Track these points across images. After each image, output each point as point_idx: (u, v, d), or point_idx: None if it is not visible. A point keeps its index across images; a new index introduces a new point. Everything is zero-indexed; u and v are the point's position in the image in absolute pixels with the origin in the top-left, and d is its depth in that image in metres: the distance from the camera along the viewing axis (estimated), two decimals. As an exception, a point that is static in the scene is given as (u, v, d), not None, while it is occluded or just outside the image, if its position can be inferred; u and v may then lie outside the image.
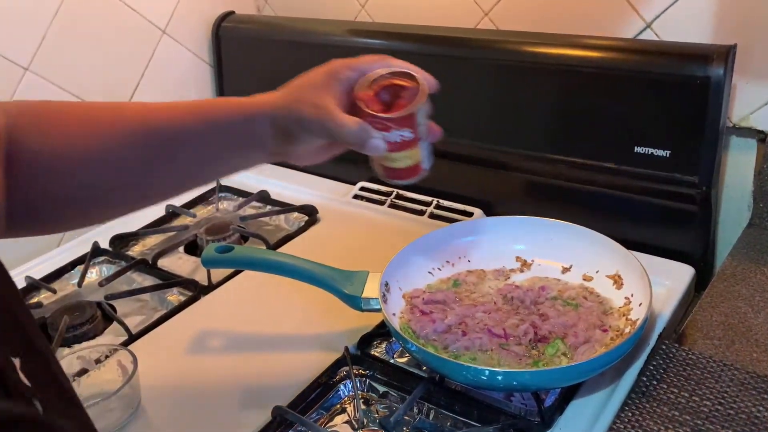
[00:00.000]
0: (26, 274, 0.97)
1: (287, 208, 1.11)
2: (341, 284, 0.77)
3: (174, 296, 0.93)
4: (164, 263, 0.99)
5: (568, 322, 0.73)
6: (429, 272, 0.85)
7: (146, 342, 0.83)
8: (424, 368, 0.74)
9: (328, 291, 0.79)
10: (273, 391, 0.72)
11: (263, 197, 1.15)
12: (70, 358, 0.73)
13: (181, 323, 0.86)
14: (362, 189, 1.14)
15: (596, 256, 0.81)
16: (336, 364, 0.74)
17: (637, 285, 0.76)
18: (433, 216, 1.05)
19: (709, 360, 0.69)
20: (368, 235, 1.02)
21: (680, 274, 0.86)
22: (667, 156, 0.87)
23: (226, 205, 1.17)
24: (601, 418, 0.65)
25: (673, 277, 0.85)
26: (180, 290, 0.93)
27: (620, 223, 0.92)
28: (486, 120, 1.02)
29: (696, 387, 0.66)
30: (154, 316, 0.88)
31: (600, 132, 0.93)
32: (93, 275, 1.00)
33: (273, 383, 0.74)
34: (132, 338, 0.83)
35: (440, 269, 0.85)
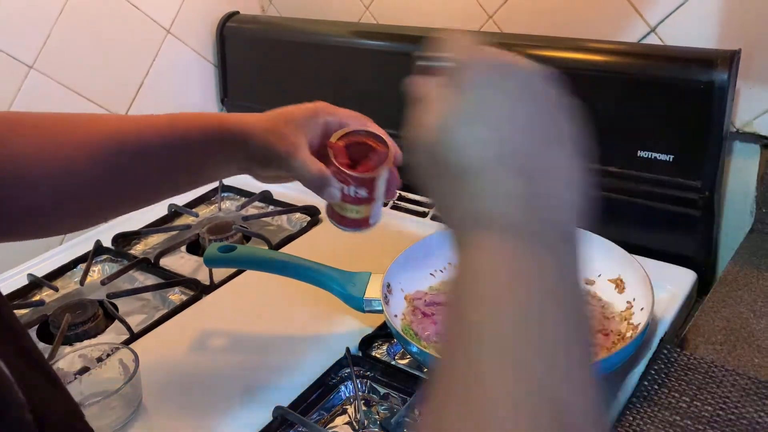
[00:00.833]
0: (28, 272, 0.97)
1: (289, 209, 1.11)
2: (343, 285, 0.77)
3: (176, 295, 0.93)
4: (166, 262, 0.99)
5: (570, 326, 0.73)
6: (431, 274, 0.85)
7: (148, 341, 0.83)
8: (426, 370, 0.74)
9: (330, 291, 0.79)
10: (274, 392, 0.72)
11: (266, 197, 1.15)
12: (72, 357, 0.73)
13: (183, 322, 0.86)
14: (364, 190, 1.13)
15: (598, 260, 0.81)
16: (337, 365, 0.74)
17: (639, 289, 0.76)
18: (436, 218, 1.05)
19: (711, 365, 0.69)
20: (370, 236, 1.01)
21: (682, 279, 0.86)
22: (671, 160, 0.87)
23: (229, 205, 1.17)
24: (602, 422, 0.65)
25: (675, 282, 0.84)
26: (182, 289, 0.93)
27: (622, 227, 0.91)
28: (489, 122, 1.02)
29: (697, 392, 0.66)
30: (156, 315, 0.88)
31: (603, 136, 0.92)
32: (95, 273, 1.00)
33: (274, 383, 0.74)
34: (133, 337, 0.83)
35: (442, 271, 0.85)
